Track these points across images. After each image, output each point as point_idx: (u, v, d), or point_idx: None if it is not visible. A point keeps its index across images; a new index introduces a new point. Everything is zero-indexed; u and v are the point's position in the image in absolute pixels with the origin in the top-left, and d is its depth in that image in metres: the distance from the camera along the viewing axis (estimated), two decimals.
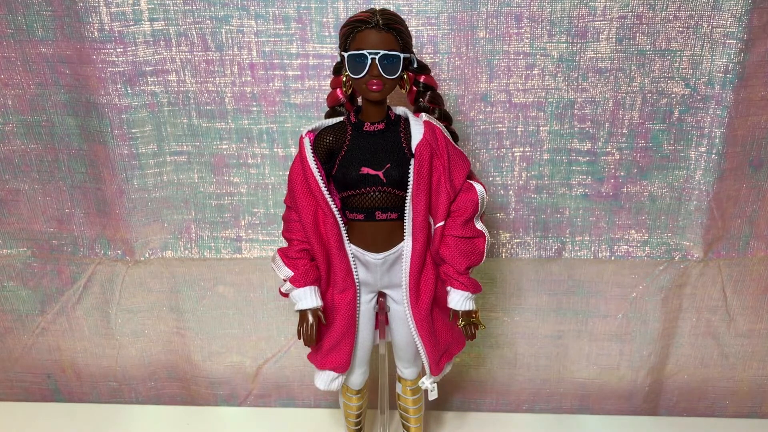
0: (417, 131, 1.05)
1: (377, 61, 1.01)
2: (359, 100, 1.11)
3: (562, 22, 1.28)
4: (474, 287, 1.10)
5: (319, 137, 1.09)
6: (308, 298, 1.11)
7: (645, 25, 1.28)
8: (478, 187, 1.09)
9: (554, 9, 1.27)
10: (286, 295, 1.15)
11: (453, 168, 1.07)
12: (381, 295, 1.19)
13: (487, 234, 1.10)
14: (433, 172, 1.06)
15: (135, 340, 1.61)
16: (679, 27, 1.28)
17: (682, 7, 1.26)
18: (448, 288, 1.11)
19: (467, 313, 1.10)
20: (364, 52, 1.00)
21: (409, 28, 1.06)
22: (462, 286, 1.09)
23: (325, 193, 1.07)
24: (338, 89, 1.10)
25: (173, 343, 1.61)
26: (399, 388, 1.30)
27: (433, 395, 1.19)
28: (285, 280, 1.13)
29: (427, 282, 1.12)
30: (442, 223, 1.08)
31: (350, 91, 1.09)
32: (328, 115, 1.14)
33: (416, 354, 1.20)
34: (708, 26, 1.27)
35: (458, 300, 1.10)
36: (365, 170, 1.06)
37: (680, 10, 1.27)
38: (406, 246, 1.10)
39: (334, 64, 1.11)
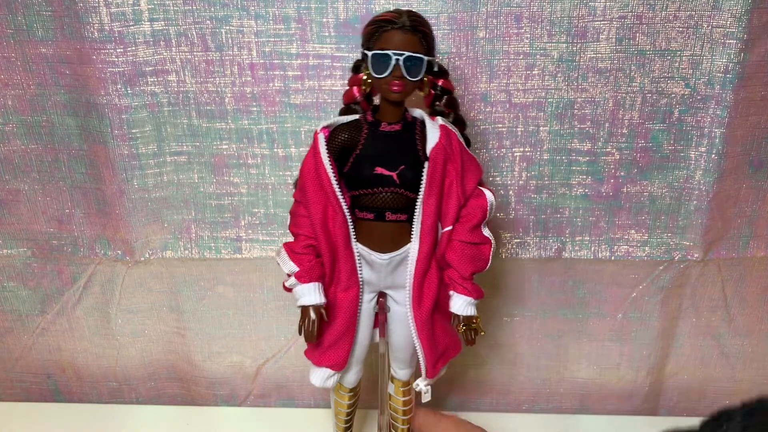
0: (432, 134, 1.05)
1: (401, 63, 0.99)
2: (375, 99, 1.11)
3: (562, 22, 1.28)
4: (477, 293, 1.10)
5: (334, 134, 1.08)
6: (312, 294, 1.10)
7: (645, 25, 1.28)
8: (488, 195, 1.08)
9: (554, 9, 1.27)
10: (289, 289, 1.14)
11: (466, 173, 1.06)
12: (381, 295, 1.19)
13: (493, 241, 1.10)
14: (446, 177, 1.06)
15: (135, 340, 1.61)
16: (679, 27, 1.28)
17: (682, 7, 1.26)
18: (451, 292, 1.11)
19: (468, 319, 1.10)
20: (389, 52, 0.99)
21: None
22: (465, 291, 1.09)
23: (337, 190, 1.06)
24: (355, 87, 1.09)
25: (173, 343, 1.61)
26: (391, 388, 1.30)
27: (426, 397, 1.19)
28: (289, 275, 1.13)
29: (430, 285, 1.12)
30: (450, 228, 1.08)
31: (368, 90, 1.08)
32: (342, 113, 1.13)
33: (413, 356, 1.20)
34: (708, 26, 1.27)
35: (461, 305, 1.09)
36: (379, 170, 1.05)
37: (680, 10, 1.27)
38: (413, 248, 1.10)
39: (353, 62, 1.09)
